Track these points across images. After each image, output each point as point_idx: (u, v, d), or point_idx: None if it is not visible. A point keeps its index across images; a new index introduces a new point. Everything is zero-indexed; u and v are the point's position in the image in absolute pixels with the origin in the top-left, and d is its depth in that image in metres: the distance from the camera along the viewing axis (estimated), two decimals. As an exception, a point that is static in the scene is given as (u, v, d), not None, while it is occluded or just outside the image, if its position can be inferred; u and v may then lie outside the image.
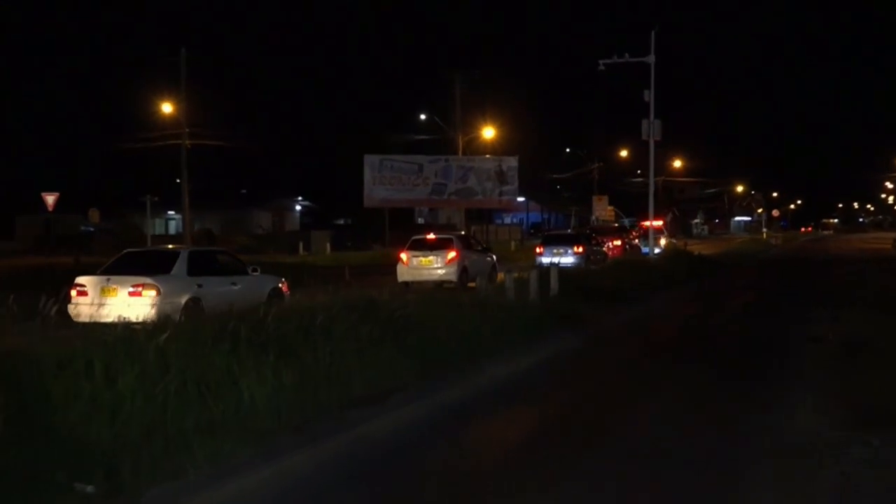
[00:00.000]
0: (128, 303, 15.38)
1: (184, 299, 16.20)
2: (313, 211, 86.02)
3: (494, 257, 29.96)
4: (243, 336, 9.29)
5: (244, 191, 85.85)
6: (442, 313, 12.99)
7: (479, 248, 29.65)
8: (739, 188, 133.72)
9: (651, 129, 32.09)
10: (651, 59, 31.88)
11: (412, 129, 55.84)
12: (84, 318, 14.34)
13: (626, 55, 32.36)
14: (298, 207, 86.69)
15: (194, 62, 44.37)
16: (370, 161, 46.01)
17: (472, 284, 19.30)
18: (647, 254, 36.25)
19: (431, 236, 28.25)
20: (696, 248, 58.02)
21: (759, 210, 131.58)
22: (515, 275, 18.29)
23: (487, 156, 49.53)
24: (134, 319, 11.71)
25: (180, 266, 16.81)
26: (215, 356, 8.58)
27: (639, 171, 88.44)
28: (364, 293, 13.33)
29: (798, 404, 9.60)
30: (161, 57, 45.94)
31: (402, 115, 76.23)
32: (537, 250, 33.97)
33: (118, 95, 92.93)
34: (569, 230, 48.89)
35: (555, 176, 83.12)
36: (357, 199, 47.59)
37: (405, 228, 63.95)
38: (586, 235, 36.91)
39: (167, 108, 44.96)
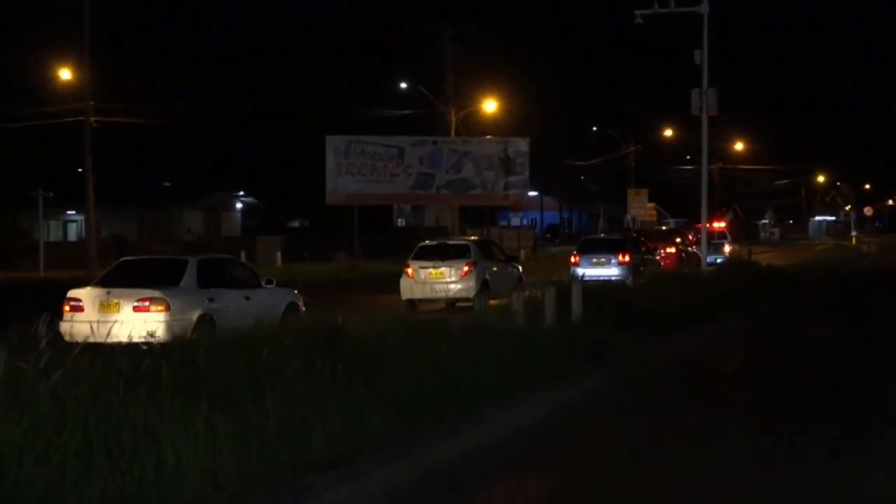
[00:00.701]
0: (132, 320, 16.94)
1: (195, 316, 18.00)
2: (259, 210, 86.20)
3: (520, 268, 31.18)
4: (166, 378, 9.30)
5: (168, 184, 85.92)
6: (429, 345, 13.02)
7: (502, 256, 30.74)
8: (820, 178, 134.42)
9: (704, 100, 32.27)
10: (704, 8, 32.05)
11: (390, 102, 56.09)
12: (80, 338, 14.92)
13: (671, 3, 32.45)
14: (240, 206, 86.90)
15: (102, 13, 44.47)
16: (334, 144, 46.20)
17: (493, 302, 19.46)
18: (710, 263, 37.77)
19: (443, 242, 29.17)
20: (764, 257, 58.17)
21: (847, 207, 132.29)
22: (526, 293, 18.34)
23: (489, 137, 49.78)
24: (139, 339, 12.73)
25: (189, 277, 18.54)
26: (129, 404, 8.59)
27: (688, 157, 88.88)
28: (327, 318, 13.36)
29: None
30: (58, 4, 45.97)
31: (376, 85, 76.60)
32: (572, 259, 35.27)
33: None
34: (607, 234, 50.32)
35: (578, 163, 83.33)
36: (318, 195, 47.75)
37: (380, 232, 64.15)
38: (634, 241, 37.72)
39: (65, 74, 44.97)
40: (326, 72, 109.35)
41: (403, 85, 55.78)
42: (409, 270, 27.77)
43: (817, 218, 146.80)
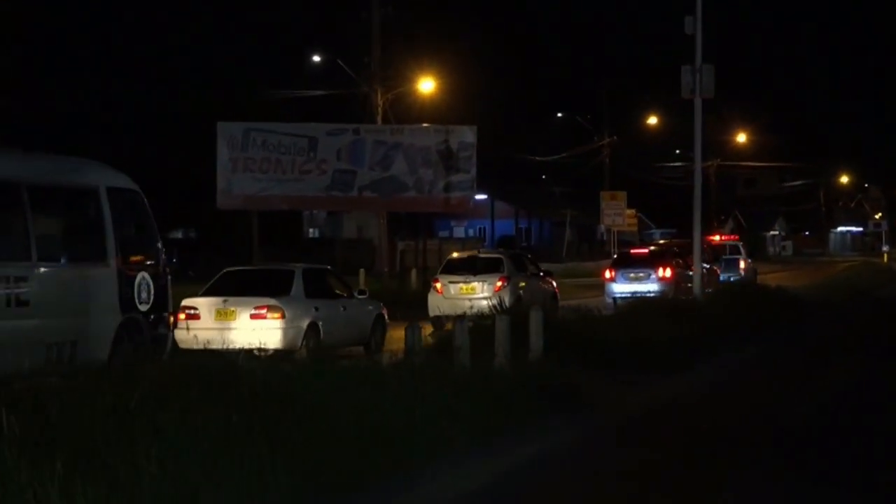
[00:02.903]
0: (250, 327, 22.13)
1: (305, 323, 23.09)
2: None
3: (555, 283, 35.51)
4: (7, 428, 9.24)
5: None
6: (348, 389, 13.02)
7: (536, 270, 35.05)
8: (844, 179, 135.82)
9: (697, 80, 32.49)
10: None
11: (300, 80, 55.97)
12: (197, 345, 20.78)
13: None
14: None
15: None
16: (228, 132, 45.97)
17: (427, 331, 21.06)
18: (724, 281, 42.40)
19: (475, 254, 33.97)
20: (773, 277, 58.44)
21: (878, 215, 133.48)
22: (470, 323, 18.39)
23: (425, 125, 49.76)
24: (256, 346, 17.59)
25: (297, 286, 23.64)
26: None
27: (677, 152, 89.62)
28: (222, 353, 13.32)
29: None
30: None
31: (282, 58, 76.33)
32: (607, 275, 40.64)
33: None
34: (646, 245, 55.06)
35: (538, 159, 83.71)
36: (206, 197, 47.47)
37: (287, 245, 63.79)
38: (676, 253, 41.78)
39: None
40: (219, 40, 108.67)
41: (317, 58, 55.69)
42: (438, 285, 32.27)
43: (840, 229, 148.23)
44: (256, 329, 21.85)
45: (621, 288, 39.23)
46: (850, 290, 48.01)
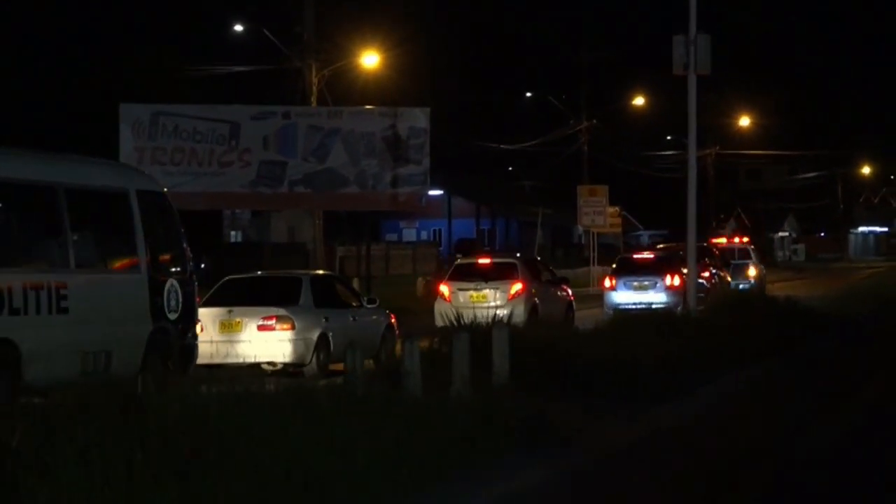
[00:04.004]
0: (258, 339, 24.69)
1: (315, 335, 25.33)
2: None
3: (570, 291, 38.33)
4: None
5: None
6: (280, 426, 12.99)
7: (550, 276, 37.90)
8: (865, 171, 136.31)
9: (692, 52, 32.59)
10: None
11: (218, 54, 55.83)
12: (202, 360, 23.08)
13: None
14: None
15: None
16: (134, 116, 45.90)
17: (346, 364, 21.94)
18: (743, 289, 45.74)
19: (485, 260, 36.43)
20: (783, 287, 58.64)
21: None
22: (423, 343, 18.39)
23: (369, 107, 49.82)
24: (265, 360, 22.15)
25: (306, 296, 25.88)
26: None
27: (668, 138, 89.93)
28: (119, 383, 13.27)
29: None
30: None
31: (197, 28, 76.14)
32: (607, 283, 42.58)
33: None
34: (651, 249, 57.97)
35: (504, 147, 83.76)
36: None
37: (205, 250, 63.40)
38: (682, 258, 41.80)
39: None
40: (120, 5, 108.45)
41: (239, 27, 55.53)
42: (446, 292, 34.50)
43: (861, 229, 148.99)
44: (264, 341, 24.63)
45: (624, 298, 40.81)
46: (873, 303, 48.11)
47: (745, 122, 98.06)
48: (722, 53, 33.92)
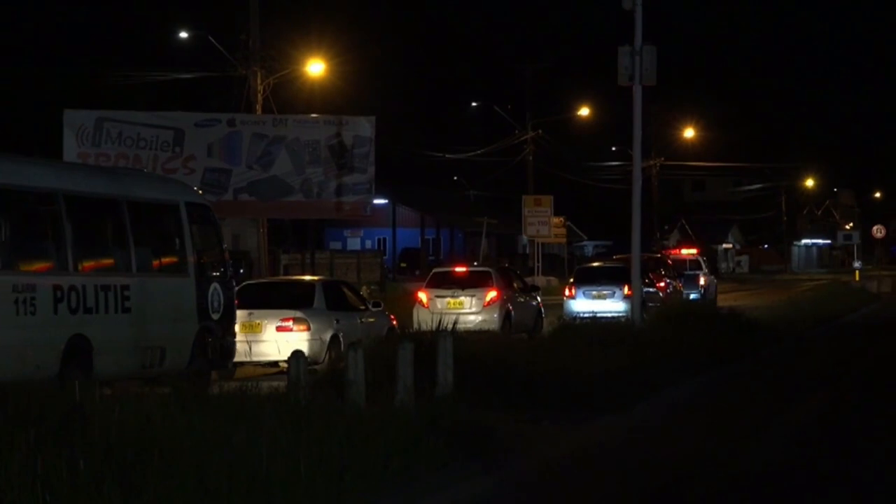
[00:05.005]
0: (276, 340, 27.17)
1: (328, 336, 27.94)
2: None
3: (540, 300, 40.15)
4: None
5: None
6: (218, 429, 12.99)
7: (522, 285, 39.88)
8: (809, 183, 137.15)
9: (637, 64, 32.68)
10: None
11: (164, 59, 55.63)
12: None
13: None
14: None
15: None
16: (77, 122, 45.76)
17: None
18: (694, 298, 47.88)
19: (461, 269, 38.46)
20: (726, 297, 58.91)
21: (847, 226, 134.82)
22: (362, 350, 18.44)
23: (314, 115, 49.82)
24: (284, 359, 22.40)
25: (319, 299, 28.54)
26: None
27: (613, 149, 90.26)
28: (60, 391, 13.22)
29: None
30: None
31: (141, 34, 75.89)
32: (567, 292, 44.17)
33: None
34: (607, 260, 58.65)
35: (449, 157, 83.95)
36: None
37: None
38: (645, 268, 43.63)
39: None
40: (59, 7, 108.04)
41: (184, 34, 55.33)
42: (424, 299, 36.32)
43: (804, 241, 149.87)
44: (283, 341, 26.83)
45: (583, 307, 41.91)
46: (814, 315, 48.40)
47: (689, 133, 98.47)
48: (668, 65, 33.92)
